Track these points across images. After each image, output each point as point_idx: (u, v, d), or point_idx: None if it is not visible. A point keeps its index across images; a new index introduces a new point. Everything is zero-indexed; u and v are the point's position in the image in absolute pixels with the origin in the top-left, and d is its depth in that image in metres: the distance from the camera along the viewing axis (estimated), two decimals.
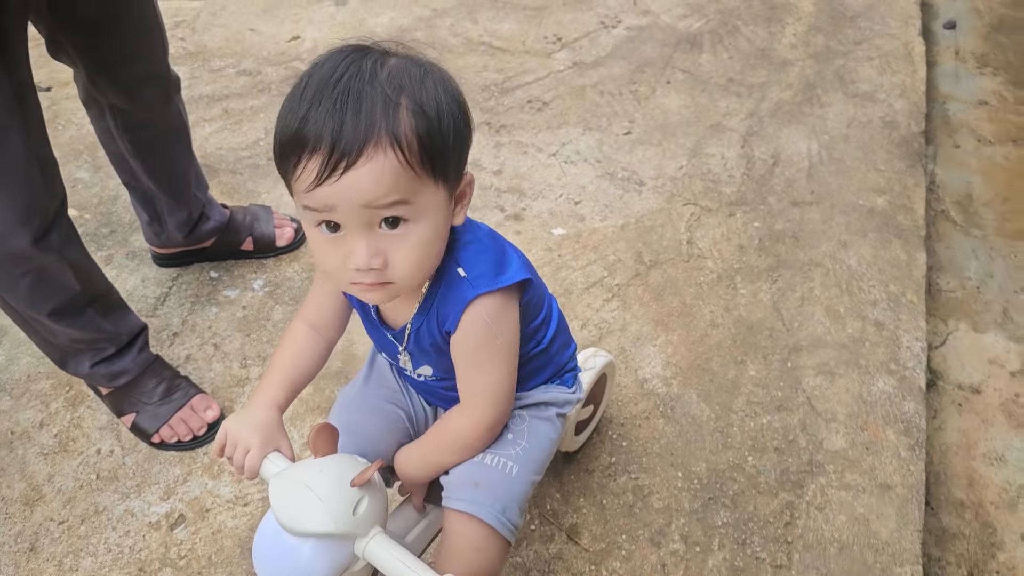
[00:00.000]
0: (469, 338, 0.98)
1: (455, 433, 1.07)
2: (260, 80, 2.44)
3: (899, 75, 2.32)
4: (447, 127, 0.86)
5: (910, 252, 1.88)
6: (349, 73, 0.82)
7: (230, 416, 1.05)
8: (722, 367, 1.69)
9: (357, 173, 0.81)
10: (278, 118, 0.86)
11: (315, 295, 1.14)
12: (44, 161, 1.28)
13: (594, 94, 2.31)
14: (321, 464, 0.94)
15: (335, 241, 0.87)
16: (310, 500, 0.90)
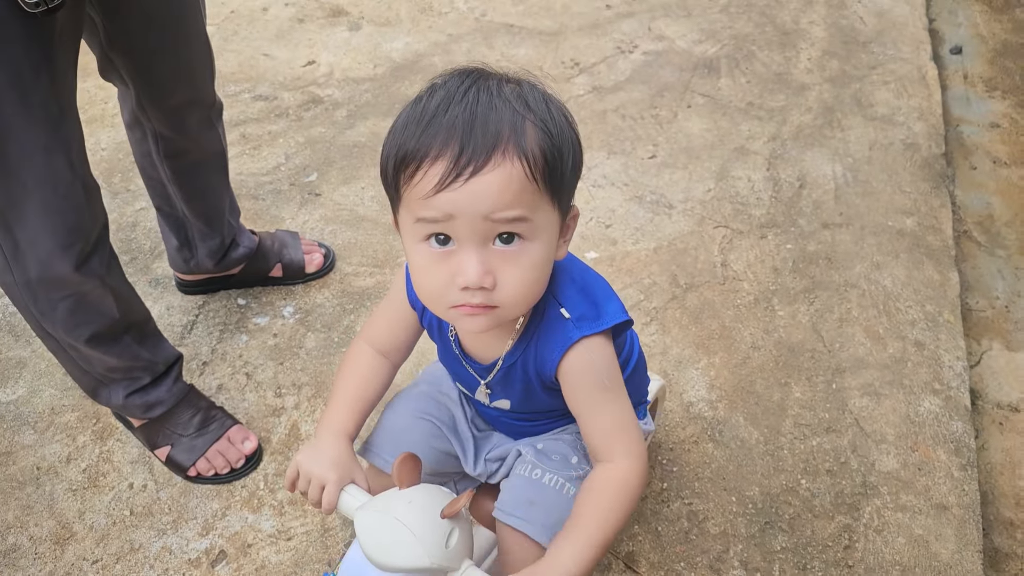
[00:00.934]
0: (581, 382, 0.95)
1: (616, 482, 0.94)
2: (277, 105, 2.41)
3: (915, 98, 2.35)
4: (568, 151, 0.85)
5: (943, 272, 1.89)
6: (477, 87, 0.82)
7: (301, 450, 1.01)
8: (767, 389, 1.68)
9: (484, 179, 0.79)
10: (393, 130, 0.84)
11: (384, 318, 1.11)
12: (87, 184, 1.25)
13: (616, 118, 2.31)
14: (409, 495, 0.92)
15: (443, 256, 0.84)
16: (402, 534, 0.87)
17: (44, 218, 1.23)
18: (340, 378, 1.10)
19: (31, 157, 1.17)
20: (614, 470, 0.94)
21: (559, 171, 0.84)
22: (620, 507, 0.93)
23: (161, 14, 1.36)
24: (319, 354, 1.78)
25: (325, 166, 2.21)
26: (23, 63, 1.10)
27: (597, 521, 0.91)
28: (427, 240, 0.84)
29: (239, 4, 2.81)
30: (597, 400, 0.96)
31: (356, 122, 2.34)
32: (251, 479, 1.57)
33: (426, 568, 0.87)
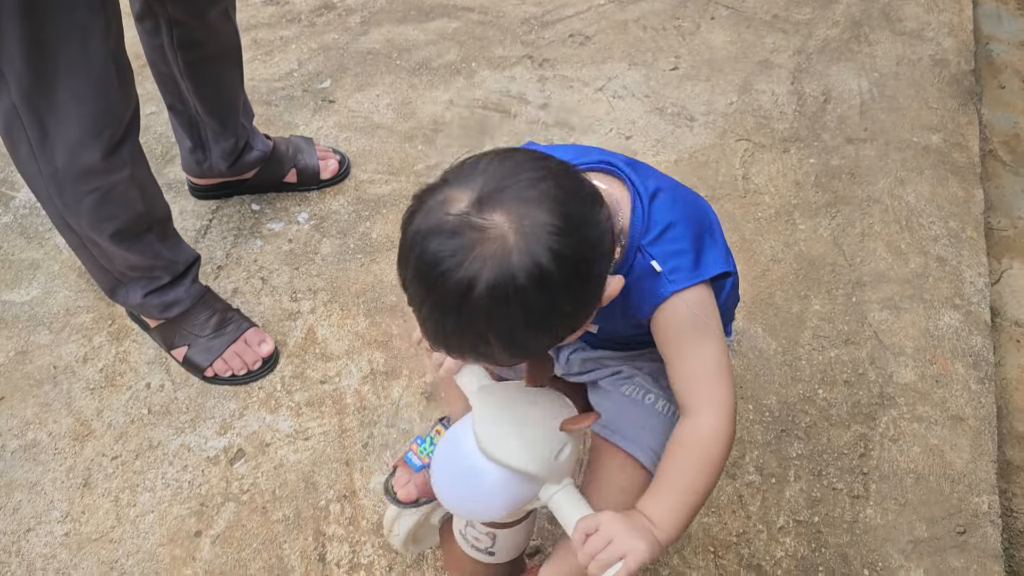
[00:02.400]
0: (673, 333, 0.90)
1: (700, 440, 0.89)
2: (288, 10, 2.35)
3: (946, 13, 2.27)
4: (545, 330, 0.79)
5: (967, 189, 1.86)
6: (440, 297, 0.76)
7: None
8: (786, 302, 1.67)
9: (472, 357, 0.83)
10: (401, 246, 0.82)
11: None
12: (121, 66, 1.22)
13: (637, 29, 2.25)
14: (533, 396, 0.90)
15: None
16: (517, 432, 0.86)
17: (76, 102, 1.21)
18: None
19: (67, 37, 1.14)
20: (701, 430, 0.89)
21: (538, 344, 0.81)
22: (708, 471, 0.89)
23: None
24: (334, 260, 1.76)
25: (339, 73, 2.16)
26: None
27: (684, 483, 0.88)
28: None
29: None
30: (688, 346, 0.90)
31: (370, 29, 2.28)
32: (268, 381, 1.58)
33: (529, 473, 0.85)
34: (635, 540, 0.82)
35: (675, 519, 0.86)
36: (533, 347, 0.81)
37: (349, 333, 1.64)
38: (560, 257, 0.74)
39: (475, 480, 0.87)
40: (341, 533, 1.35)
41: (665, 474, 0.90)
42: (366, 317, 1.66)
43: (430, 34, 2.26)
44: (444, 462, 0.91)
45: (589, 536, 0.83)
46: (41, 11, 1.11)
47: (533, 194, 0.76)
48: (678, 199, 0.93)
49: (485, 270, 0.73)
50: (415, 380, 1.55)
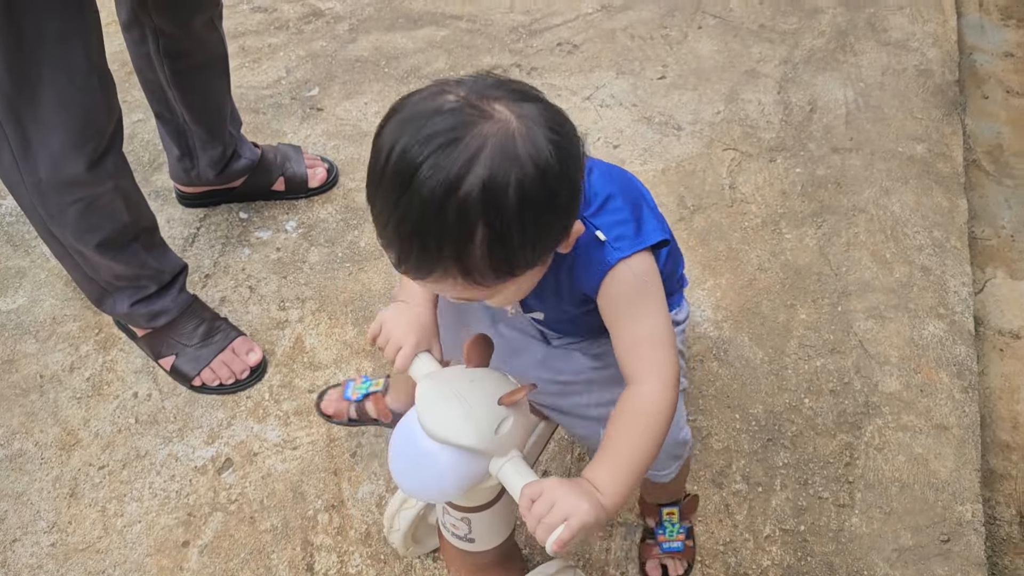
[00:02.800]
0: (618, 299, 0.92)
1: (643, 407, 0.91)
2: (276, 17, 2.35)
3: (931, 24, 2.30)
4: (532, 238, 0.77)
5: (951, 199, 1.88)
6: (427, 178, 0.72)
7: (389, 308, 1.01)
8: (772, 311, 1.68)
9: (432, 284, 0.80)
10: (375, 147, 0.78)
11: None
12: (103, 76, 1.22)
13: (625, 38, 2.26)
14: (472, 375, 0.94)
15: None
16: (456, 409, 0.89)
17: (58, 111, 1.20)
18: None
19: (48, 45, 1.13)
20: (644, 397, 0.91)
21: (521, 262, 0.78)
22: (649, 436, 0.90)
23: None
24: (322, 269, 1.76)
25: (327, 80, 2.16)
26: None
27: (627, 449, 0.90)
28: None
29: None
30: (634, 313, 0.92)
31: (358, 36, 2.28)
32: (256, 390, 1.58)
33: (471, 447, 0.88)
34: (578, 501, 0.83)
35: (618, 483, 0.88)
36: (517, 256, 0.77)
37: (337, 342, 1.64)
38: (559, 150, 0.75)
39: (425, 462, 0.89)
40: (329, 543, 1.35)
41: (609, 441, 0.91)
42: (354, 326, 1.66)
43: (418, 42, 2.26)
44: (397, 449, 0.93)
45: (534, 502, 0.84)
46: (21, 20, 1.11)
47: (524, 94, 0.78)
48: (612, 173, 0.98)
49: (487, 149, 0.71)
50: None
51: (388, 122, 0.78)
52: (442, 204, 0.72)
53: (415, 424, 0.90)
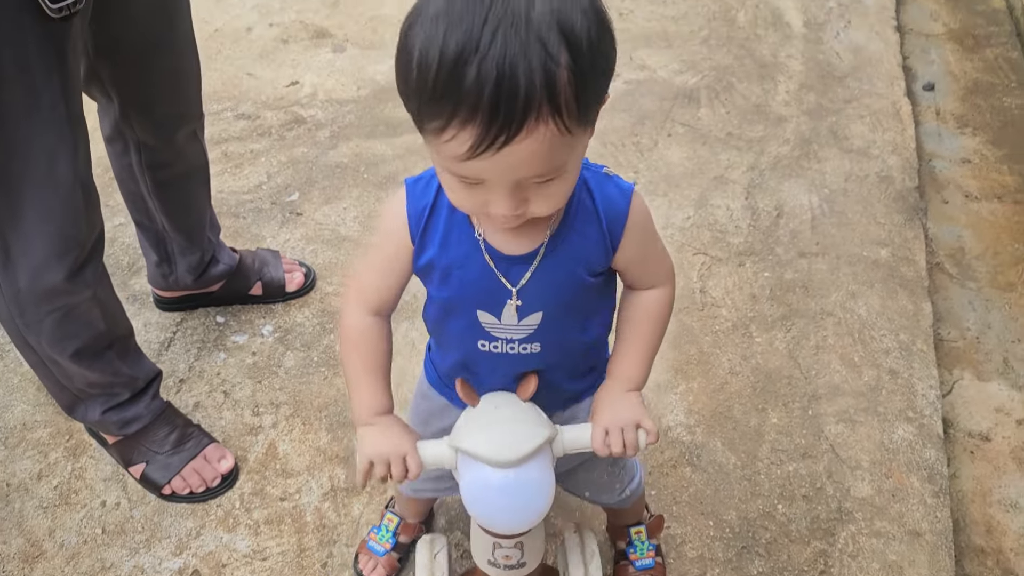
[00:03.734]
0: (643, 222, 0.97)
1: (666, 305, 1.04)
2: (259, 124, 2.41)
3: (890, 132, 2.40)
4: (602, 69, 0.78)
5: (916, 302, 1.93)
6: (496, 13, 0.71)
7: (360, 444, 1.00)
8: (744, 415, 1.69)
9: (515, 148, 0.74)
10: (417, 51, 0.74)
11: (371, 274, 1.01)
12: (87, 190, 1.25)
13: (598, 145, 2.34)
14: (490, 403, 1.00)
15: (473, 189, 0.81)
16: (515, 426, 0.96)
17: (41, 224, 1.22)
18: (351, 360, 1.04)
19: (34, 159, 1.16)
20: (662, 300, 1.04)
21: (595, 99, 0.78)
22: (665, 326, 1.06)
23: (153, 24, 1.37)
24: (298, 373, 1.77)
25: (307, 186, 2.21)
26: (37, 66, 1.11)
27: (652, 340, 1.04)
28: (455, 176, 0.81)
29: (224, 23, 2.82)
30: (652, 232, 1.00)
31: (339, 143, 2.35)
32: (227, 498, 1.56)
33: (547, 439, 0.96)
34: (635, 410, 0.98)
35: (646, 370, 1.04)
36: (594, 85, 0.77)
37: (311, 448, 1.63)
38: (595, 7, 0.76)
39: (528, 488, 0.94)
40: None
41: (637, 340, 1.03)
42: (328, 432, 1.66)
43: (398, 148, 2.33)
44: (497, 505, 0.96)
45: (608, 433, 0.96)
46: (9, 135, 1.14)
47: None
48: None
49: None
50: (376, 497, 1.53)
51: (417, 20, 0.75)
52: (525, 37, 0.71)
53: (491, 474, 0.94)
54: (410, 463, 0.97)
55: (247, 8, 2.90)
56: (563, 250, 0.94)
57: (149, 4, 1.34)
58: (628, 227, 0.95)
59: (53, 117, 1.15)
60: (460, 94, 0.72)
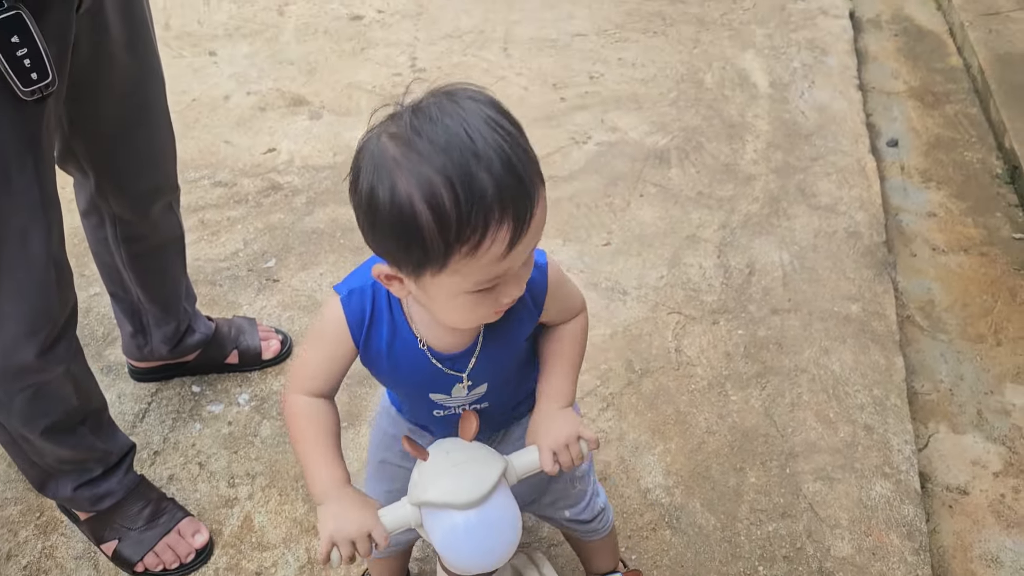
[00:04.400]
0: (559, 291, 1.06)
1: (581, 327, 1.12)
2: (236, 191, 2.43)
3: (856, 188, 2.45)
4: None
5: (888, 357, 1.95)
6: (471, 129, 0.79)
7: (321, 524, 0.99)
8: (722, 475, 1.70)
9: (535, 221, 0.83)
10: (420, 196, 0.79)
11: (315, 364, 1.05)
12: (60, 268, 1.25)
13: (571, 206, 2.37)
14: (440, 449, 1.03)
15: (485, 296, 0.87)
16: (470, 467, 0.99)
17: (13, 303, 1.22)
18: (302, 439, 1.05)
19: (7, 241, 1.17)
20: (579, 322, 1.12)
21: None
22: (584, 344, 1.13)
23: (129, 101, 1.39)
24: (274, 442, 1.75)
25: (284, 252, 2.22)
26: (10, 149, 1.12)
27: (576, 360, 1.11)
28: (477, 292, 0.86)
29: (201, 92, 2.86)
30: (566, 290, 1.09)
31: (315, 209, 2.37)
32: (201, 574, 1.53)
33: (502, 471, 1.00)
34: (567, 422, 1.04)
35: (573, 388, 1.10)
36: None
37: (287, 520, 1.61)
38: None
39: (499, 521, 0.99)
40: None
41: (560, 360, 1.09)
42: (305, 502, 1.64)
43: None
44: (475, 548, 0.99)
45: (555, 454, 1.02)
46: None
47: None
48: None
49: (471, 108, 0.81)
50: (353, 570, 1.51)
51: (387, 173, 0.81)
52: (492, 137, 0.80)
53: (460, 519, 0.97)
54: (376, 536, 0.97)
55: (224, 77, 2.94)
56: (499, 333, 1.02)
57: (125, 82, 1.36)
58: (549, 294, 1.04)
59: (26, 199, 1.16)
60: (486, 203, 0.78)
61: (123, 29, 1.30)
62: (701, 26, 3.25)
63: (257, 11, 3.34)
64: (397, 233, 0.82)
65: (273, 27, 3.25)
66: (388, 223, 0.82)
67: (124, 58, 1.33)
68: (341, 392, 1.11)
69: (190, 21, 3.26)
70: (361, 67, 3.00)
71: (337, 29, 3.22)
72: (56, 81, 1.11)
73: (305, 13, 3.33)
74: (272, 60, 3.05)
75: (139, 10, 1.34)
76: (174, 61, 2.98)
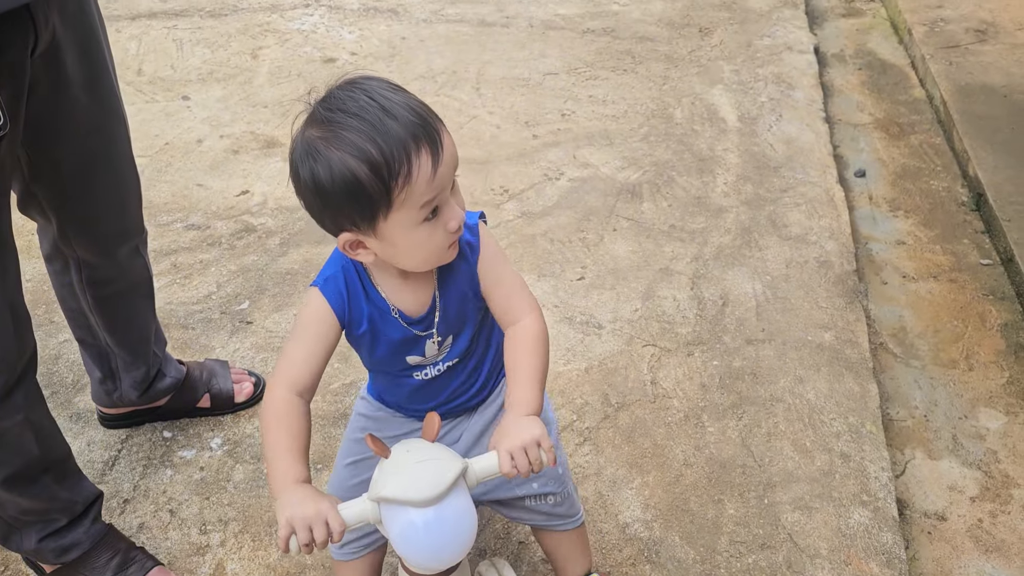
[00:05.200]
0: (491, 245, 1.17)
1: (535, 335, 1.15)
2: (209, 234, 2.42)
3: (826, 219, 2.48)
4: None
5: (862, 384, 1.96)
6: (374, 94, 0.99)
7: (280, 511, 1.02)
8: (701, 507, 1.69)
9: (446, 144, 1.02)
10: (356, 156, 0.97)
11: (301, 351, 1.13)
12: (16, 314, 1.23)
13: (544, 242, 2.38)
14: (402, 449, 1.06)
15: (435, 223, 1.03)
16: (429, 466, 1.02)
17: None
18: (274, 433, 1.10)
19: None
20: (530, 329, 1.15)
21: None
22: (545, 353, 1.16)
23: (90, 144, 1.38)
24: (247, 487, 1.73)
25: (257, 294, 2.21)
26: None
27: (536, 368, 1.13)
28: (425, 221, 1.02)
29: (174, 136, 2.86)
30: (502, 267, 1.17)
31: (289, 250, 2.36)
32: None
33: (461, 471, 1.03)
34: (530, 427, 1.05)
35: (538, 396, 1.12)
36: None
37: (260, 566, 1.58)
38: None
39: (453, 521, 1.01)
40: None
41: (520, 367, 1.13)
42: (278, 548, 1.60)
43: None
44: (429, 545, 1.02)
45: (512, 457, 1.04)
46: None
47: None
48: None
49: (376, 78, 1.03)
50: None
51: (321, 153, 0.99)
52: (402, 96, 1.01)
53: (417, 516, 1.00)
54: (332, 524, 1.00)
55: (198, 121, 2.95)
56: (450, 288, 1.17)
57: (85, 124, 1.35)
58: (481, 250, 1.16)
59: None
60: (403, 141, 0.98)
61: (81, 71, 1.30)
62: (670, 63, 3.31)
63: (230, 55, 3.36)
64: (345, 195, 0.99)
65: (247, 71, 3.27)
66: (336, 191, 0.99)
67: (83, 100, 1.32)
68: (314, 433, 1.10)
69: (163, 66, 3.28)
70: None
71: (311, 72, 3.25)
72: (8, 125, 1.10)
73: (278, 57, 3.35)
74: (245, 103, 3.06)
75: (98, 51, 1.34)
76: (147, 106, 2.98)
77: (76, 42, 1.26)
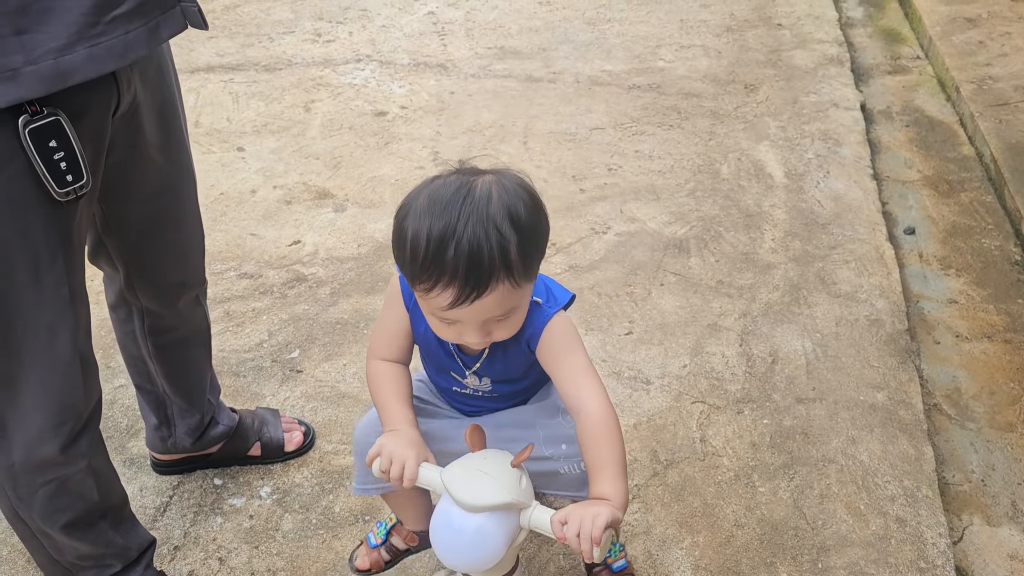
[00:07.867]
0: (556, 337, 1.21)
1: (602, 421, 1.17)
2: (261, 283, 2.47)
3: (875, 276, 2.46)
4: (538, 239, 1.11)
5: (917, 446, 1.92)
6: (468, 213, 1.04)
7: (383, 436, 1.20)
8: (753, 570, 1.65)
9: (483, 301, 1.07)
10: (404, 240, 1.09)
11: (383, 335, 1.32)
12: (85, 361, 1.27)
13: (592, 296, 2.39)
14: (482, 454, 1.16)
15: (451, 325, 1.13)
16: (486, 479, 1.11)
17: (38, 398, 1.24)
18: (379, 389, 1.30)
19: (35, 337, 1.19)
20: (596, 417, 1.18)
21: (535, 261, 1.11)
22: (617, 441, 1.17)
23: (161, 200, 1.43)
24: (295, 537, 1.73)
25: (307, 343, 2.24)
26: (42, 247, 1.15)
27: (615, 460, 1.15)
28: (440, 318, 1.12)
29: (229, 186, 2.94)
30: (568, 352, 1.22)
31: (339, 300, 2.40)
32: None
33: (507, 503, 1.09)
34: (596, 508, 1.06)
35: (618, 485, 1.13)
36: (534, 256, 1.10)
37: None
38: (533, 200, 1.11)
39: (474, 535, 1.09)
40: None
41: (594, 459, 1.16)
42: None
43: None
44: (444, 537, 1.11)
45: (564, 524, 1.06)
46: (11, 313, 1.17)
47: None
48: None
49: (494, 190, 1.07)
50: None
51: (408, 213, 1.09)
52: (487, 225, 1.04)
53: (453, 509, 1.10)
54: (407, 471, 1.13)
55: (252, 172, 3.03)
56: (499, 356, 1.26)
57: (157, 182, 1.41)
58: (542, 342, 1.22)
59: (56, 296, 1.18)
60: (443, 266, 1.05)
61: (158, 132, 1.35)
62: (716, 119, 3.33)
63: (284, 108, 3.46)
64: (396, 250, 1.12)
65: (300, 123, 3.36)
66: (395, 241, 1.12)
67: (158, 159, 1.38)
68: None
69: (219, 119, 3.38)
70: (385, 161, 3.09)
71: (362, 125, 3.33)
72: (90, 182, 1.15)
73: (331, 110, 3.44)
74: (298, 155, 3.14)
75: (174, 113, 1.40)
76: (203, 157, 3.08)
77: (154, 105, 1.32)
